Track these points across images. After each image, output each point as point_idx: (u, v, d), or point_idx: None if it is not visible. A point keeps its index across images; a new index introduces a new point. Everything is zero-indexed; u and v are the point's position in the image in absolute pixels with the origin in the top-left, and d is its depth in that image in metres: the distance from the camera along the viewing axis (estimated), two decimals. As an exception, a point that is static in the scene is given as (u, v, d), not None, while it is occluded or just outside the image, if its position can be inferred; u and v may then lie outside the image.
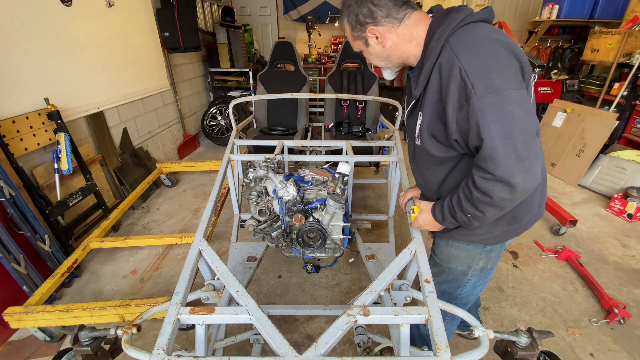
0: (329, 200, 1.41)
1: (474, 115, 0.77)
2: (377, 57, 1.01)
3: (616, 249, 2.42)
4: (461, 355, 0.80)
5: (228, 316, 0.90)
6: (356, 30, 0.96)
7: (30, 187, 2.00)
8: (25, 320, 1.60)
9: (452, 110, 0.82)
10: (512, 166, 0.75)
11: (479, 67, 0.76)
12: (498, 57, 0.77)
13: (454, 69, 0.79)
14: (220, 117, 4.51)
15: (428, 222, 1.06)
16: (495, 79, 0.75)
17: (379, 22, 0.92)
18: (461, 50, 0.79)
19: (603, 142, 3.18)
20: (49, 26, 2.26)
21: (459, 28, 0.84)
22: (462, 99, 0.79)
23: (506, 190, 0.79)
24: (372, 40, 0.96)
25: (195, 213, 2.92)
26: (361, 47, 1.02)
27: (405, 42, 0.94)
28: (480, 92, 0.75)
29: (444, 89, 0.83)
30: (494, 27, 0.87)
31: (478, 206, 0.86)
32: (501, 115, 0.74)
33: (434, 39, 0.85)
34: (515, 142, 0.74)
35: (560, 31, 4.80)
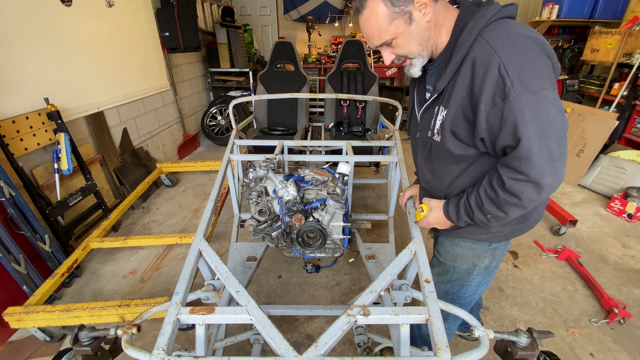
0: (329, 200, 1.41)
1: (511, 113, 0.75)
2: (417, 40, 0.87)
3: (616, 249, 2.42)
4: (461, 355, 0.80)
5: (228, 316, 0.90)
6: (399, 4, 0.82)
7: (30, 187, 2.00)
8: (25, 320, 1.60)
9: (485, 107, 0.79)
10: (545, 167, 0.76)
11: (519, 64, 0.74)
12: (536, 56, 0.76)
13: (491, 64, 0.76)
14: (220, 117, 4.51)
15: (439, 221, 1.04)
16: (534, 77, 0.74)
17: None
18: (500, 45, 0.76)
19: (603, 142, 3.18)
20: (49, 26, 2.25)
21: (492, 22, 0.81)
22: (498, 96, 0.76)
23: (535, 191, 0.79)
24: (417, 14, 0.84)
25: (195, 213, 2.92)
26: (398, 30, 0.86)
27: (438, 26, 0.87)
28: (518, 90, 0.73)
29: (477, 84, 0.79)
30: (525, 25, 0.85)
31: (503, 207, 0.85)
32: (539, 115, 0.74)
33: (466, 30, 0.81)
34: (550, 142, 0.74)
35: (560, 31, 4.80)
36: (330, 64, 5.61)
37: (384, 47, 0.90)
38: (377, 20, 0.85)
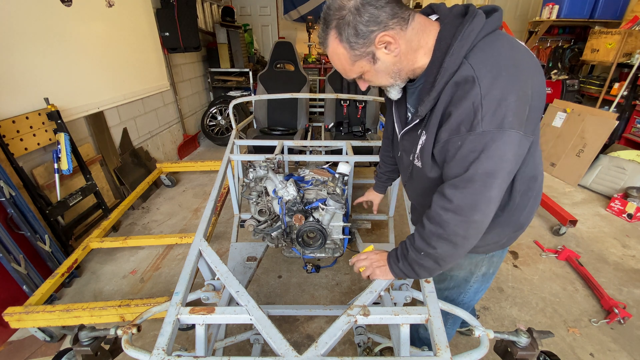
0: (329, 200, 1.41)
1: (469, 146, 0.72)
2: (386, 74, 0.84)
3: (616, 249, 2.42)
4: (461, 355, 0.80)
5: (228, 316, 0.90)
6: (358, 47, 0.77)
7: (30, 187, 2.00)
8: (25, 320, 1.60)
9: (447, 129, 0.76)
10: (480, 204, 0.75)
11: (497, 97, 0.69)
12: (518, 88, 0.71)
13: (470, 93, 0.71)
14: (220, 117, 4.51)
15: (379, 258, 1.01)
16: (507, 115, 0.69)
17: (387, 25, 0.75)
18: (484, 72, 0.70)
19: (603, 142, 3.18)
20: (49, 26, 2.25)
21: (480, 41, 0.74)
22: (464, 125, 0.72)
23: (463, 224, 0.78)
24: (381, 52, 0.78)
25: (195, 213, 2.92)
26: (363, 69, 0.83)
27: (412, 51, 0.80)
28: (487, 125, 0.70)
29: (450, 106, 0.75)
30: (512, 38, 0.79)
31: (430, 240, 0.84)
32: (496, 155, 0.71)
33: (451, 53, 0.74)
34: (494, 182, 0.73)
35: (560, 31, 4.79)
36: (330, 64, 5.60)
37: (356, 79, 0.88)
38: (339, 61, 0.82)
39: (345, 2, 0.75)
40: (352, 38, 0.76)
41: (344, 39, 0.77)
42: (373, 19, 0.74)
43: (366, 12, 0.73)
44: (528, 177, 0.91)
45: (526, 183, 0.91)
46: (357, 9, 0.74)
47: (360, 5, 0.73)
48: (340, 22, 0.76)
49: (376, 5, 0.73)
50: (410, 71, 0.84)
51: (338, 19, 0.76)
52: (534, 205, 0.99)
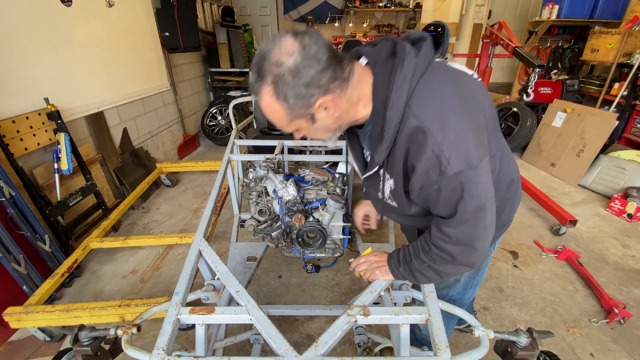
0: (329, 200, 1.41)
1: (447, 189, 0.72)
2: (324, 132, 0.82)
3: (616, 249, 2.42)
4: (461, 355, 0.80)
5: (228, 316, 0.90)
6: (297, 108, 0.72)
7: (30, 187, 2.00)
8: (25, 320, 1.60)
9: (417, 180, 0.75)
10: (479, 234, 0.77)
11: (454, 141, 0.68)
12: (470, 124, 0.70)
13: (425, 144, 0.69)
14: (220, 117, 4.51)
15: (379, 260, 1.02)
16: (472, 152, 0.69)
17: (327, 89, 0.71)
18: (431, 122, 0.69)
19: (603, 142, 3.18)
20: (49, 26, 2.25)
21: (416, 85, 0.72)
22: (433, 172, 0.71)
23: (467, 253, 0.80)
24: (320, 114, 0.75)
25: (195, 213, 2.92)
26: (300, 127, 0.79)
27: (352, 106, 0.78)
28: (456, 167, 0.69)
29: (411, 159, 0.74)
30: (447, 68, 0.78)
31: (436, 261, 0.85)
32: (478, 190, 0.72)
33: (390, 105, 0.72)
34: (485, 213, 0.74)
35: (560, 31, 4.80)
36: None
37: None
38: (274, 116, 0.77)
39: (285, 58, 0.67)
40: (291, 99, 0.71)
41: (281, 98, 0.71)
42: (314, 83, 0.69)
43: (306, 74, 0.68)
44: (506, 182, 0.94)
45: (504, 187, 0.94)
46: (296, 70, 0.67)
47: (301, 66, 0.67)
48: (277, 79, 0.69)
49: (317, 67, 0.68)
50: (351, 122, 0.83)
51: (275, 76, 0.69)
52: (514, 204, 1.03)
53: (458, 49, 5.37)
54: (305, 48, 0.68)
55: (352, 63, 0.76)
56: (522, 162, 3.95)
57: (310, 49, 0.68)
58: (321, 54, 0.68)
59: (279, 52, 0.68)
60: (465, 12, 5.10)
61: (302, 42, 0.68)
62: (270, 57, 0.68)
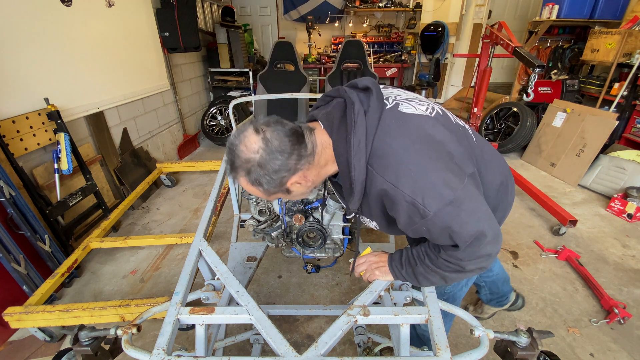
0: (329, 200, 1.41)
1: (435, 228, 0.76)
2: (302, 195, 0.91)
3: (616, 249, 2.42)
4: (461, 355, 0.80)
5: (228, 316, 0.90)
6: (272, 188, 0.80)
7: (30, 187, 2.00)
8: (25, 320, 1.60)
9: (405, 226, 0.81)
10: (486, 249, 0.79)
11: (422, 187, 0.73)
12: (432, 165, 0.75)
13: (396, 197, 0.75)
14: (220, 117, 4.51)
15: (379, 261, 1.04)
16: (442, 190, 0.73)
17: (296, 169, 0.79)
18: (396, 177, 0.75)
19: (603, 142, 3.18)
20: (49, 26, 2.25)
21: (372, 145, 0.78)
22: (416, 217, 0.76)
23: (479, 261, 0.82)
24: (294, 187, 0.84)
25: (195, 213, 2.92)
26: (280, 196, 0.89)
27: (322, 168, 0.86)
28: (434, 208, 0.73)
29: (389, 210, 0.82)
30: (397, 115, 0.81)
31: (444, 268, 0.87)
32: (463, 218, 0.74)
33: (353, 168, 0.78)
34: (485, 233, 0.75)
35: (560, 31, 4.80)
36: (330, 64, 5.61)
37: None
38: (255, 193, 0.85)
39: (252, 155, 0.75)
40: (265, 184, 0.78)
41: (256, 183, 0.79)
42: (282, 168, 0.77)
43: (274, 164, 0.75)
44: (494, 188, 0.96)
45: (494, 192, 0.97)
46: (265, 163, 0.75)
47: (268, 160, 0.75)
48: (249, 171, 0.77)
49: (282, 157, 0.75)
50: (323, 179, 0.90)
51: (247, 170, 0.77)
52: (506, 205, 1.04)
53: (458, 49, 5.37)
54: (267, 144, 0.75)
55: (312, 135, 0.82)
56: (522, 162, 3.95)
57: (272, 143, 0.75)
58: (284, 146, 0.75)
59: (245, 150, 0.75)
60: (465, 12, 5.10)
61: (264, 139, 0.75)
62: (239, 155, 0.76)
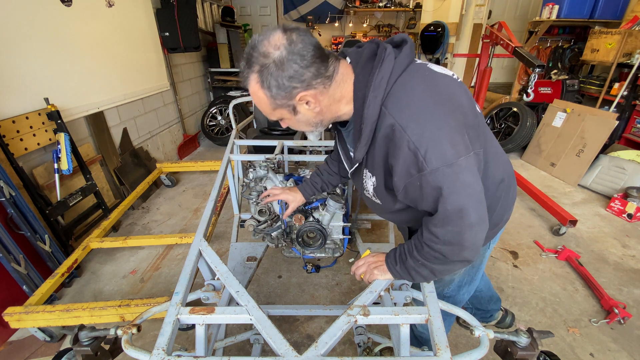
0: (329, 200, 1.41)
1: (428, 186, 0.74)
2: (306, 124, 0.86)
3: (616, 249, 2.42)
4: (461, 355, 0.80)
5: (228, 316, 0.90)
6: (279, 98, 0.76)
7: (30, 187, 2.00)
8: (25, 320, 1.60)
9: (399, 178, 0.78)
10: (464, 233, 0.77)
11: (429, 138, 0.70)
12: (446, 122, 0.72)
13: (400, 141, 0.72)
14: (220, 117, 4.51)
15: (377, 261, 1.03)
16: (447, 149, 0.71)
17: (310, 84, 0.75)
18: (406, 120, 0.72)
19: (603, 142, 3.18)
20: (49, 26, 2.25)
21: (392, 86, 0.75)
22: (412, 169, 0.73)
23: (456, 250, 0.81)
24: (302, 107, 0.80)
25: (195, 213, 2.92)
26: (283, 116, 0.83)
27: (335, 102, 0.82)
28: (432, 165, 0.71)
29: (391, 157, 0.77)
30: (425, 69, 0.80)
31: (429, 258, 0.86)
32: (456, 186, 0.72)
33: (368, 104, 0.75)
34: (468, 211, 0.74)
35: (560, 31, 4.80)
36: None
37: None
38: (260, 103, 0.81)
39: (271, 49, 0.72)
40: (274, 89, 0.75)
41: (265, 86, 0.75)
42: (296, 77, 0.73)
43: (290, 68, 0.72)
44: (495, 182, 0.94)
45: (494, 187, 0.94)
46: (281, 63, 0.72)
47: (285, 60, 0.72)
48: (263, 69, 0.73)
49: (301, 63, 0.72)
50: (333, 119, 0.87)
51: (261, 65, 0.73)
52: (506, 202, 1.02)
53: (458, 49, 5.37)
54: (291, 44, 0.72)
55: (337, 62, 0.80)
56: (522, 162, 3.95)
57: (296, 45, 0.72)
58: (306, 51, 0.73)
59: (267, 44, 0.73)
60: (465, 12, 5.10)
61: (289, 38, 0.72)
62: (259, 48, 0.73)
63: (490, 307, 1.65)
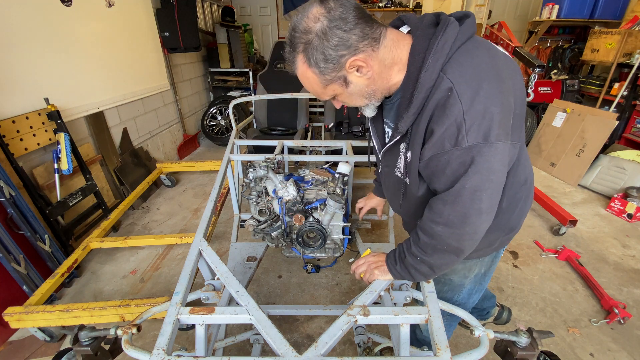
0: (329, 200, 1.41)
1: (456, 161, 0.71)
2: (360, 96, 0.81)
3: (616, 249, 2.42)
4: (461, 355, 0.80)
5: (228, 316, 0.90)
6: (328, 72, 0.73)
7: (30, 187, 2.00)
8: (25, 320, 1.60)
9: (431, 147, 0.73)
10: (470, 216, 0.75)
11: (480, 113, 0.67)
12: (501, 99, 0.69)
13: (452, 109, 0.68)
14: (220, 117, 4.51)
15: (377, 260, 1.02)
16: (493, 128, 0.68)
17: (357, 48, 0.71)
18: (464, 88, 0.67)
19: (603, 142, 3.18)
20: (49, 26, 2.25)
21: (455, 52, 0.71)
22: (448, 142, 0.70)
23: (455, 237, 0.79)
24: (353, 76, 0.75)
25: (195, 213, 2.92)
26: (335, 92, 0.80)
27: (386, 69, 0.77)
28: (472, 140, 0.68)
29: (432, 124, 0.73)
30: (489, 43, 0.77)
31: (426, 250, 0.85)
32: (483, 168, 0.70)
33: (426, 67, 0.70)
34: (482, 195, 0.72)
35: (560, 31, 4.80)
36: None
37: (330, 99, 0.84)
38: (310, 84, 0.79)
39: (311, 24, 0.70)
40: (321, 63, 0.72)
41: (313, 63, 0.73)
42: (342, 43, 0.70)
43: (334, 35, 0.69)
44: (519, 183, 0.91)
45: (517, 187, 0.91)
46: (324, 33, 0.69)
47: (327, 29, 0.69)
48: (307, 46, 0.71)
49: (344, 28, 0.69)
50: (385, 89, 0.82)
51: (305, 43, 0.71)
52: (525, 207, 1.00)
53: (458, 49, 5.36)
54: (330, 11, 0.69)
55: (385, 28, 0.76)
56: (522, 162, 3.95)
57: (335, 11, 0.69)
58: (347, 14, 0.69)
59: (306, 20, 0.71)
60: (465, 12, 5.10)
61: (327, 7, 0.70)
62: (299, 27, 0.72)
63: (485, 305, 1.65)
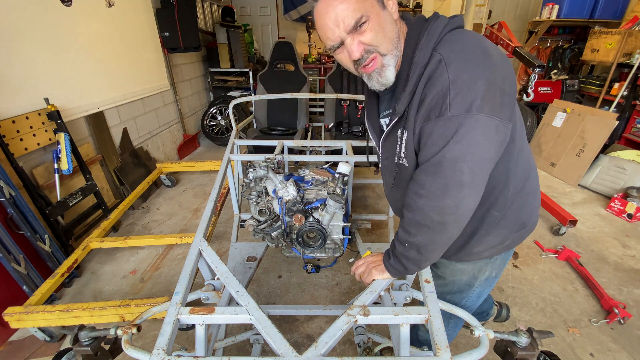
0: (329, 200, 1.41)
1: (439, 131, 0.72)
2: (389, 31, 0.79)
3: (616, 249, 2.42)
4: (461, 355, 0.80)
5: (228, 316, 0.89)
6: None
7: (30, 187, 2.00)
8: (25, 320, 1.60)
9: (420, 118, 0.77)
10: (451, 188, 0.75)
11: (465, 83, 0.69)
12: (487, 73, 0.70)
13: (440, 77, 0.71)
14: (220, 117, 4.51)
15: (375, 260, 1.03)
16: (475, 100, 0.69)
17: None
18: (452, 58, 0.72)
19: (603, 142, 3.18)
20: (49, 26, 2.25)
21: (445, 34, 0.77)
22: (434, 111, 0.73)
23: (437, 210, 0.78)
24: (389, 2, 0.79)
25: (195, 213, 2.92)
26: (373, 10, 0.76)
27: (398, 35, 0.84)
28: (455, 110, 0.69)
29: (423, 95, 0.76)
30: (477, 33, 0.81)
31: (410, 229, 0.85)
32: (463, 138, 0.70)
33: (420, 47, 0.76)
34: (463, 166, 0.72)
35: (560, 31, 4.80)
36: (330, 64, 5.60)
37: (352, 35, 0.77)
38: None
39: None
40: None
41: None
42: None
43: None
44: (522, 176, 0.92)
45: (521, 181, 0.91)
46: None
47: None
48: None
49: None
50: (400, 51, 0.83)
51: None
52: (534, 203, 0.99)
53: (458, 49, 5.36)
54: None
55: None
56: (522, 162, 3.95)
57: None
58: None
59: None
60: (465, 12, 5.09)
61: None
62: None
63: (484, 308, 1.65)
